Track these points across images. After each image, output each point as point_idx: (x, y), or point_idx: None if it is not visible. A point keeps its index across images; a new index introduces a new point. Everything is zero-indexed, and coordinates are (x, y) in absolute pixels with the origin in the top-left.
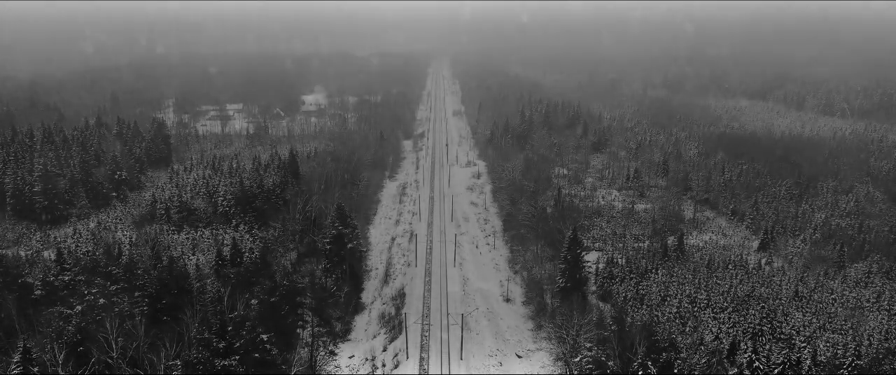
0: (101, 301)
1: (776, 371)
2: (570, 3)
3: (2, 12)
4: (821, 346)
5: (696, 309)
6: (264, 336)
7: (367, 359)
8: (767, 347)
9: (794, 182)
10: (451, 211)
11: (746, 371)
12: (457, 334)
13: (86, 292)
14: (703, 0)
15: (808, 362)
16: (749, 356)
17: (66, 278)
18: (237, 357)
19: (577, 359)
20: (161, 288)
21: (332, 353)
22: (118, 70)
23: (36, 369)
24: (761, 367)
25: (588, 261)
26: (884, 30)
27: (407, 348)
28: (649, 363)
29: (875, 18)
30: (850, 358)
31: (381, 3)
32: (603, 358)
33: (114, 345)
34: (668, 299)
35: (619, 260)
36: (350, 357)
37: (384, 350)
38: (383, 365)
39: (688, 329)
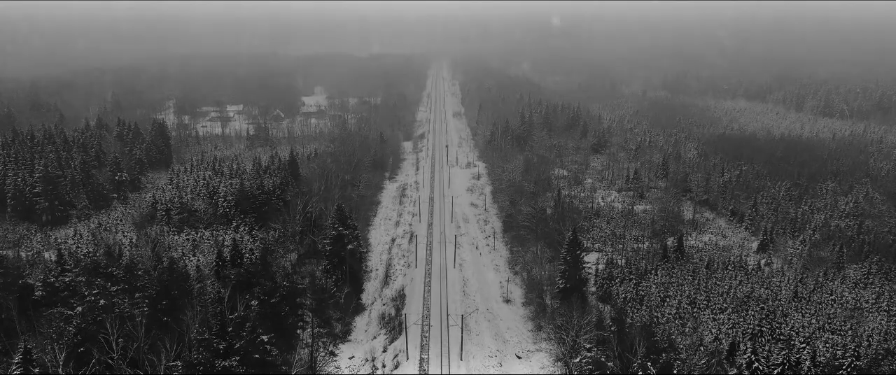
0: (102, 302)
1: (775, 371)
2: (571, 3)
3: (2, 13)
4: (820, 347)
5: (695, 309)
6: (264, 337)
7: (367, 360)
8: (767, 348)
9: (793, 183)
10: (450, 213)
11: (746, 372)
12: (457, 335)
13: (86, 293)
14: (703, 0)
15: (807, 363)
16: (748, 356)
17: (67, 279)
18: (237, 358)
19: (577, 360)
20: (161, 289)
21: (333, 354)
22: (118, 71)
23: (36, 370)
24: (761, 368)
25: (588, 262)
26: (884, 30)
27: (407, 349)
28: (649, 363)
29: (875, 18)
30: (850, 359)
31: (382, 4)
32: (603, 359)
33: (114, 346)
34: (668, 300)
35: (619, 261)
36: (350, 358)
37: (384, 350)
38: (383, 366)
39: (687, 329)
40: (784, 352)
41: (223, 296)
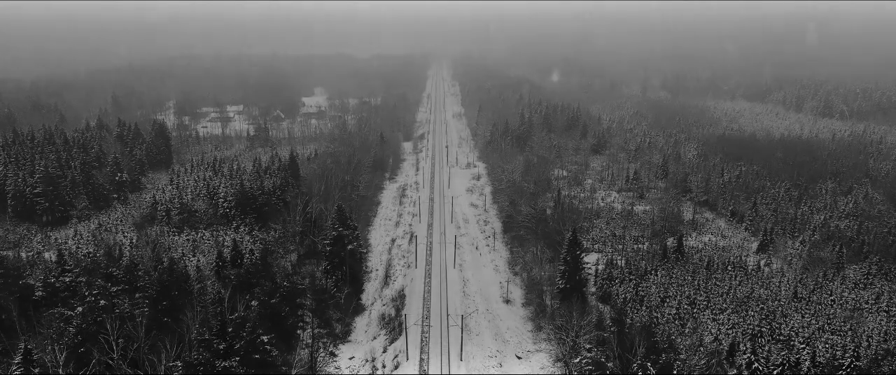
0: (102, 302)
1: (775, 372)
2: (570, 3)
3: (2, 13)
4: (820, 347)
5: (695, 310)
6: (265, 338)
7: (367, 360)
8: (766, 348)
9: (793, 183)
10: (450, 213)
11: (745, 372)
12: (457, 335)
13: (86, 293)
14: (703, 0)
15: (806, 363)
16: (748, 357)
17: (67, 279)
18: (237, 359)
19: (577, 360)
20: (162, 289)
21: (333, 354)
22: (119, 72)
23: (37, 370)
24: (760, 368)
25: (588, 263)
26: (884, 30)
27: (407, 349)
28: (649, 364)
29: (875, 18)
30: (849, 359)
31: (382, 4)
32: (602, 360)
33: (114, 346)
34: (668, 300)
35: (619, 261)
36: (350, 359)
37: (384, 351)
38: (383, 366)
39: (687, 330)
40: (784, 353)
41: (223, 297)
